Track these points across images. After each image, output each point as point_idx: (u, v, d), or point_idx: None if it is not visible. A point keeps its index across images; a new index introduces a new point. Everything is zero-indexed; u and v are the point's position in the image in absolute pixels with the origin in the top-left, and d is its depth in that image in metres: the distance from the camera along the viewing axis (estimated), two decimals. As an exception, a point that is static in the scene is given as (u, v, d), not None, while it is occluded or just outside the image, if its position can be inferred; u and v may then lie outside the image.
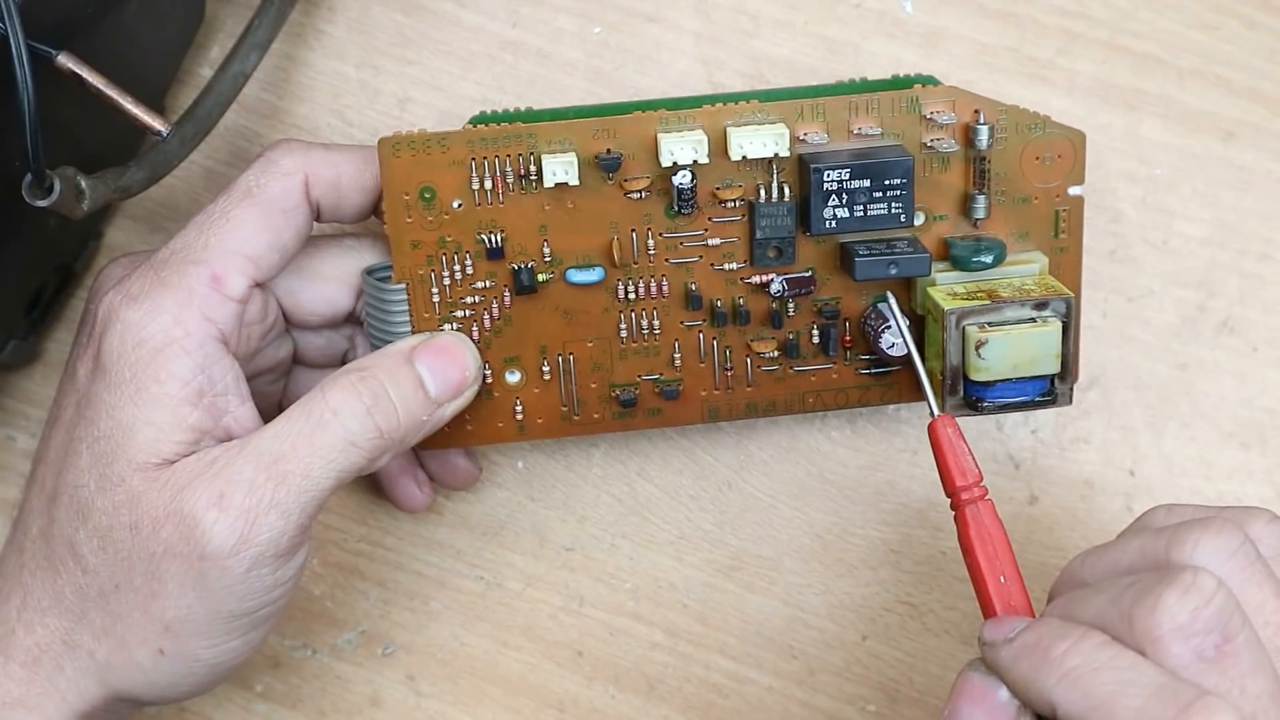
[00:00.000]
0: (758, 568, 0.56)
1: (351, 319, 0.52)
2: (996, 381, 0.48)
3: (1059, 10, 0.54)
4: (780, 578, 0.56)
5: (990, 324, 0.48)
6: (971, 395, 0.48)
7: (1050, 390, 0.49)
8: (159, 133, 0.47)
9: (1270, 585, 0.40)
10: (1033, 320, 0.48)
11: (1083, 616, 0.41)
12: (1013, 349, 0.48)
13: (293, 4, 0.52)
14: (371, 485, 0.56)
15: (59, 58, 0.45)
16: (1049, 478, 0.56)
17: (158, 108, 0.51)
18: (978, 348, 0.48)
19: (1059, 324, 0.48)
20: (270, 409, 0.50)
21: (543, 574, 0.56)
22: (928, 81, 0.50)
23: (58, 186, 0.43)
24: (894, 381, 0.52)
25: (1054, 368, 0.48)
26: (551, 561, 0.56)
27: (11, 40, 0.42)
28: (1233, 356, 0.55)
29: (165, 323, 0.46)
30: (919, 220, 0.50)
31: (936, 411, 0.47)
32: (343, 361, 0.53)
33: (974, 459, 0.45)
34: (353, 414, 0.46)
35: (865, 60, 0.54)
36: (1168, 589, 0.39)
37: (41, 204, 0.44)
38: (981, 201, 0.50)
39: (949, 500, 0.45)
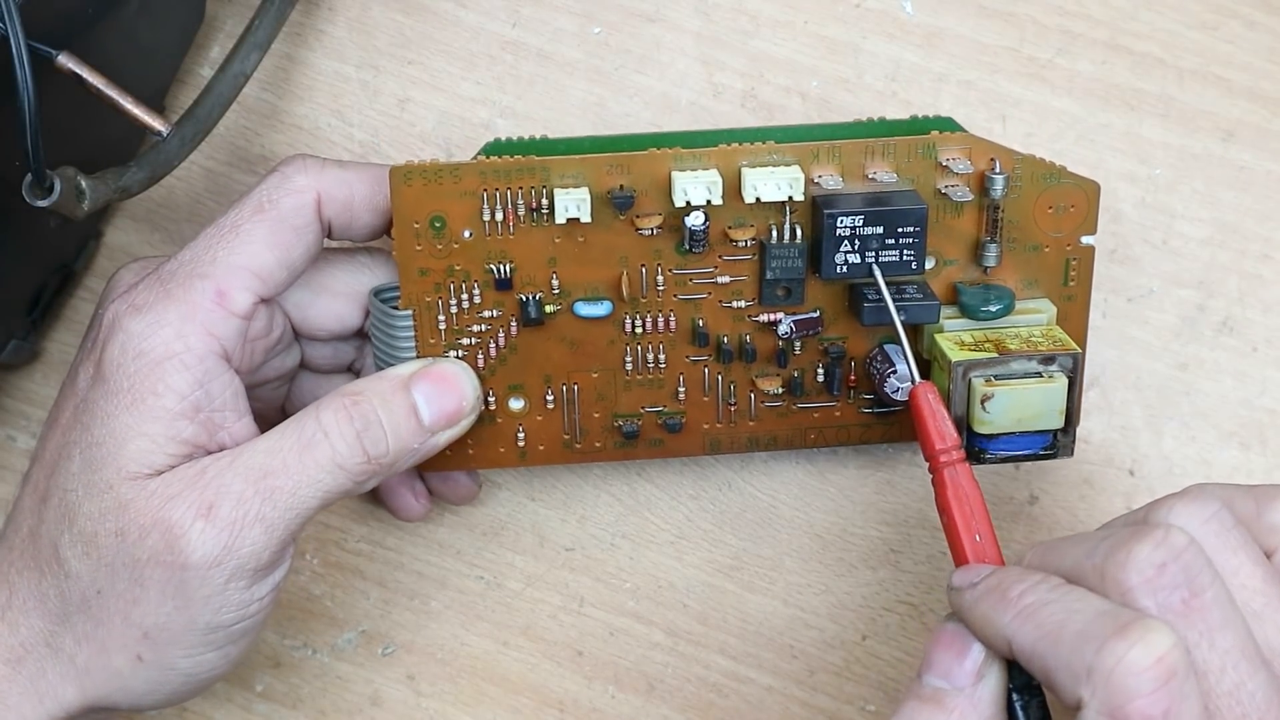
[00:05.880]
0: (758, 568, 0.56)
1: (360, 332, 0.51)
2: (1000, 434, 0.48)
3: (1059, 10, 0.54)
4: (780, 578, 0.56)
5: (996, 377, 0.48)
6: (975, 446, 0.48)
7: (1053, 444, 0.49)
8: (159, 133, 0.47)
9: (1245, 551, 0.41)
10: (1039, 375, 0.48)
11: (1057, 565, 0.42)
12: (1018, 404, 0.48)
13: (293, 4, 0.52)
14: (370, 492, 0.56)
15: (59, 58, 0.45)
16: (1049, 478, 0.55)
17: (158, 108, 0.51)
18: (983, 402, 0.48)
19: (1065, 380, 0.48)
20: (273, 413, 0.50)
21: (543, 574, 0.56)
22: (945, 126, 0.50)
23: (58, 186, 0.43)
24: (896, 421, 0.52)
25: (1058, 423, 0.48)
26: (551, 561, 0.56)
27: (11, 40, 0.42)
28: (1232, 356, 0.55)
29: (167, 336, 0.46)
30: (929, 264, 0.50)
31: (917, 380, 0.47)
32: (349, 368, 0.53)
33: (953, 424, 0.46)
34: (342, 437, 0.46)
35: (865, 60, 0.54)
36: (1139, 542, 0.40)
37: (41, 204, 0.44)
38: (993, 250, 0.49)
39: (928, 464, 0.46)
